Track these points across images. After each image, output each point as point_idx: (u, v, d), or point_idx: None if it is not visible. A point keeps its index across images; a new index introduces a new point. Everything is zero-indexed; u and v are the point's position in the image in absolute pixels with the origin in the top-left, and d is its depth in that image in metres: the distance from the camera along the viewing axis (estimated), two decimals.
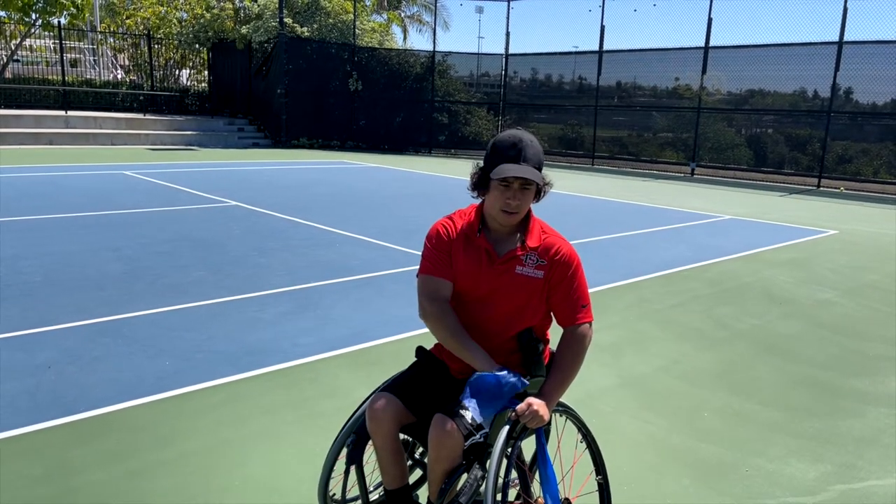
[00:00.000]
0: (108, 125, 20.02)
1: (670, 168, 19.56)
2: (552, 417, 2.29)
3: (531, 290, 2.17)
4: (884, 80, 15.99)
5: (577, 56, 22.06)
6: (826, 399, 4.03)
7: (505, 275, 2.17)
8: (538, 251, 2.17)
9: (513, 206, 2.12)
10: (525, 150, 2.09)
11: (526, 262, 2.16)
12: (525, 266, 2.16)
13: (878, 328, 5.43)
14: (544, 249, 2.18)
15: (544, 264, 2.17)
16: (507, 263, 2.18)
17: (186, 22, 24.65)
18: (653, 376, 4.26)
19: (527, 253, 2.17)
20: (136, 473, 2.91)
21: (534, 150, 2.12)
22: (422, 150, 22.96)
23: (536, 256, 2.17)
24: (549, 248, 2.18)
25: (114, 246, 6.99)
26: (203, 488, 2.83)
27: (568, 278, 2.17)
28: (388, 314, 5.19)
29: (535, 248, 2.17)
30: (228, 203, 10.15)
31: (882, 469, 3.23)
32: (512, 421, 2.05)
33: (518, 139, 2.11)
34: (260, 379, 3.92)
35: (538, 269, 2.17)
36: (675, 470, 3.15)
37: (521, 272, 2.16)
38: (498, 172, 2.08)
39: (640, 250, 8.06)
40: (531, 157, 2.10)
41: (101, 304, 5.07)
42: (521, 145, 2.10)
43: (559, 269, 2.17)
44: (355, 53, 22.24)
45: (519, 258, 2.17)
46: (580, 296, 2.19)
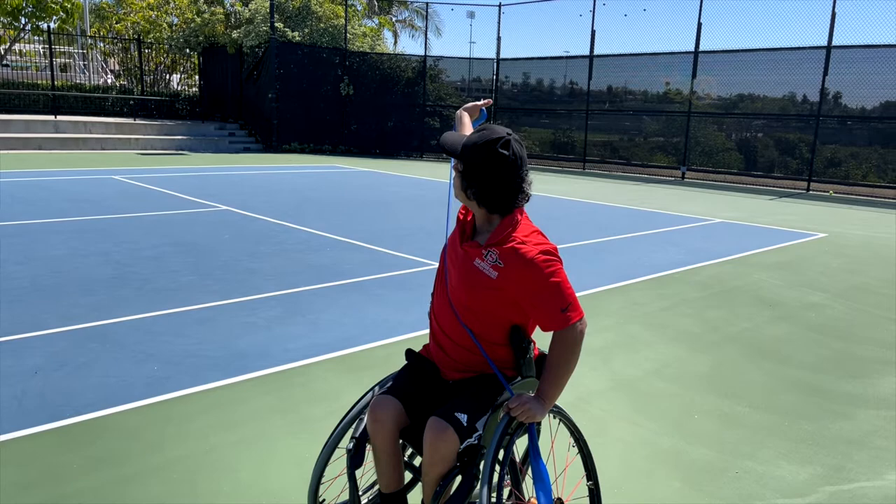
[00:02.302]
0: (98, 130, 19.91)
1: (661, 172, 19.63)
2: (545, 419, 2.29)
3: (485, 286, 2.11)
4: (872, 84, 16.12)
5: (568, 60, 22.12)
6: (816, 401, 4.04)
7: (466, 262, 2.17)
8: (499, 251, 2.10)
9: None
10: (474, 132, 2.18)
11: (486, 257, 2.12)
12: (483, 261, 2.13)
13: (867, 331, 5.46)
14: (507, 252, 2.09)
15: (501, 267, 2.09)
16: (470, 250, 2.17)
17: (177, 26, 24.61)
18: (643, 379, 4.26)
19: (489, 249, 2.12)
20: (124, 480, 2.88)
21: (474, 136, 2.14)
22: (414, 154, 22.96)
23: (496, 256, 2.10)
24: (511, 252, 2.08)
25: (102, 251, 6.94)
26: (192, 494, 2.81)
27: (537, 285, 2.05)
28: (378, 318, 5.17)
29: (497, 248, 2.11)
30: (219, 208, 10.11)
31: (871, 471, 3.24)
32: (506, 419, 2.05)
33: (483, 125, 2.20)
34: (249, 384, 3.90)
35: (493, 269, 2.10)
36: (665, 472, 3.15)
37: (477, 265, 2.13)
38: None
39: (631, 253, 8.08)
40: (467, 137, 2.17)
41: (90, 310, 5.04)
42: (476, 128, 2.21)
43: (520, 276, 2.06)
44: (346, 58, 22.24)
45: (480, 252, 2.14)
46: (558, 299, 2.05)
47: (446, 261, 2.29)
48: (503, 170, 2.09)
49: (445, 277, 2.28)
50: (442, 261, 2.32)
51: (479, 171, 2.10)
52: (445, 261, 2.30)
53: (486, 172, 2.09)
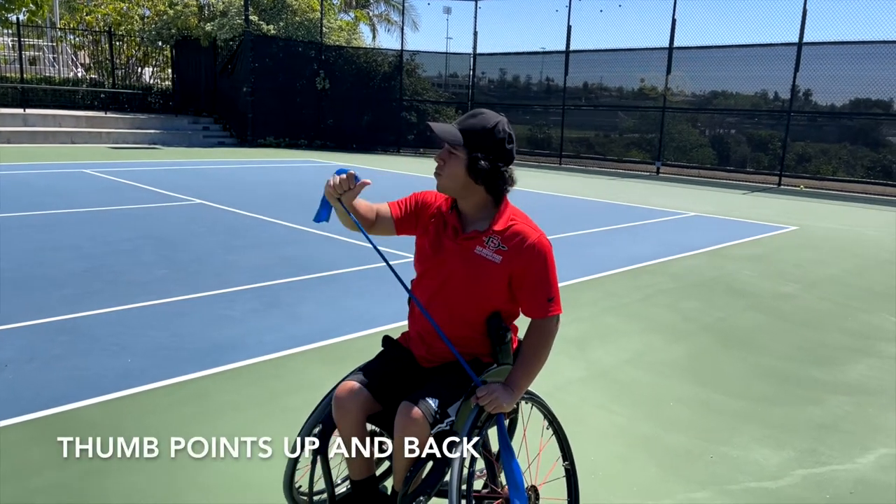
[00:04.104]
0: (68, 123, 19.55)
1: (636, 167, 19.81)
2: (518, 406, 2.29)
3: (488, 272, 2.13)
4: (842, 80, 16.41)
5: (544, 56, 22.23)
6: (788, 388, 4.11)
7: (465, 252, 2.15)
8: (501, 236, 2.13)
9: (437, 167, 2.14)
10: (468, 118, 2.13)
11: (487, 244, 2.13)
12: (485, 248, 2.13)
13: (836, 320, 5.57)
14: (509, 236, 2.13)
15: (505, 250, 2.12)
16: (468, 241, 2.16)
17: (149, 19, 24.20)
18: (620, 368, 4.30)
19: (490, 236, 2.14)
20: (96, 473, 2.84)
21: (477, 121, 2.11)
22: (390, 149, 22.89)
23: (498, 241, 2.13)
24: (514, 235, 2.13)
25: (74, 244, 6.82)
26: (169, 486, 2.77)
27: (533, 269, 2.12)
28: (355, 310, 5.15)
29: (499, 233, 2.14)
30: (193, 201, 9.98)
31: (842, 454, 3.31)
32: (477, 409, 2.04)
33: (472, 112, 2.16)
34: (226, 375, 3.86)
35: (497, 254, 2.12)
36: (642, 458, 3.18)
37: (480, 253, 2.13)
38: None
39: (607, 246, 8.14)
40: (466, 124, 2.11)
41: (61, 303, 4.94)
42: (468, 114, 2.15)
43: (522, 258, 2.12)
44: (322, 52, 22.08)
45: (481, 239, 2.14)
46: (547, 288, 2.13)
47: (427, 253, 2.25)
48: (508, 152, 2.13)
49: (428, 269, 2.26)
50: (422, 252, 2.28)
51: (491, 155, 2.09)
52: (426, 251, 2.26)
53: (496, 156, 2.10)
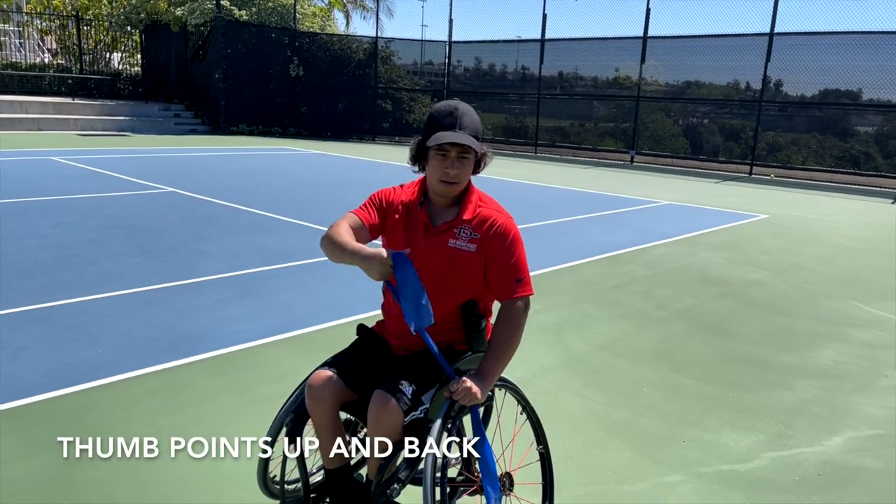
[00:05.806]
0: (35, 110, 19.09)
1: (611, 156, 19.92)
2: (493, 393, 2.30)
3: (464, 263, 2.13)
4: (812, 70, 16.63)
5: (520, 45, 22.20)
6: (757, 373, 4.18)
7: (438, 248, 2.14)
8: (472, 224, 2.13)
9: (451, 175, 2.09)
10: (461, 118, 2.08)
11: (459, 235, 2.13)
12: (458, 239, 2.13)
13: (805, 306, 5.67)
14: (479, 222, 2.13)
15: (477, 238, 2.12)
16: (440, 235, 2.14)
17: (117, 3, 23.65)
18: (594, 354, 4.34)
19: (460, 226, 2.13)
20: (65, 464, 2.78)
21: (470, 118, 2.09)
22: (365, 137, 22.73)
23: (470, 230, 2.12)
24: (483, 220, 2.13)
25: (41, 233, 6.67)
26: (137, 479, 2.74)
27: (503, 251, 2.11)
28: (331, 299, 5.12)
29: (469, 221, 2.13)
30: (164, 189, 9.83)
31: (810, 437, 3.38)
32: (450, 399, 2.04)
33: (454, 108, 2.09)
34: (198, 365, 3.81)
35: (471, 243, 2.12)
36: (616, 443, 3.22)
37: (454, 245, 2.13)
38: (434, 140, 2.06)
39: (582, 235, 8.19)
40: (468, 125, 2.08)
41: (28, 293, 4.84)
42: (457, 113, 2.08)
43: (494, 243, 2.12)
44: (296, 38, 21.80)
45: (452, 231, 2.13)
46: (517, 269, 2.12)
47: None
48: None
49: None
50: (396, 248, 2.24)
51: (483, 148, 2.14)
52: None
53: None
